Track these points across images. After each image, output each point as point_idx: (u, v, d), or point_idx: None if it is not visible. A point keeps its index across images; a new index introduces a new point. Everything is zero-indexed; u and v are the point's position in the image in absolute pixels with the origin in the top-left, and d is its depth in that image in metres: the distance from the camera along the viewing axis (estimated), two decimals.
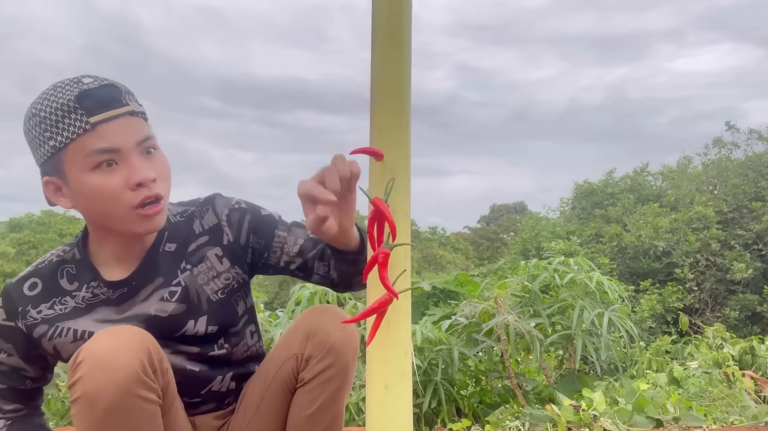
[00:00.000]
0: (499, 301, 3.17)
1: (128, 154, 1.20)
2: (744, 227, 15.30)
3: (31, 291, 1.30)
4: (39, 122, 1.20)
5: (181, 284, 1.32)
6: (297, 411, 1.35)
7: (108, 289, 1.29)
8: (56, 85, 1.22)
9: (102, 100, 1.19)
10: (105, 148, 1.18)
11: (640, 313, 11.00)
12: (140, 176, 1.19)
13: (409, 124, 0.67)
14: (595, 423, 2.36)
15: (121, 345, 1.11)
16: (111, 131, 1.19)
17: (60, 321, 1.28)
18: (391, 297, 0.67)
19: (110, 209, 1.21)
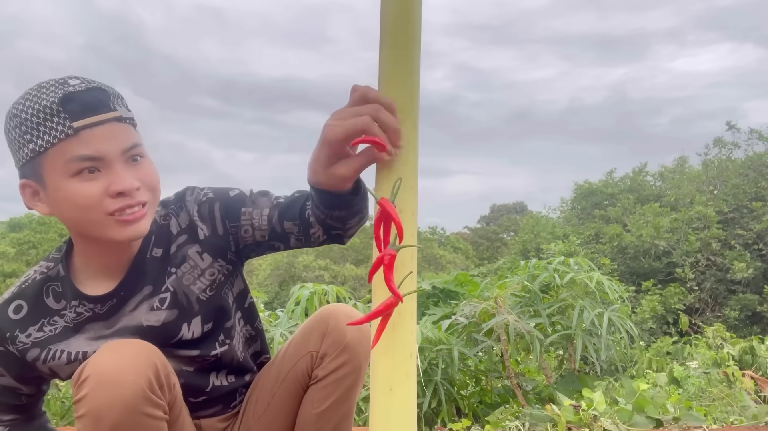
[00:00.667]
0: (499, 301, 3.17)
1: (112, 162, 1.14)
2: (744, 227, 15.30)
3: (16, 314, 1.24)
4: (19, 123, 1.14)
5: (169, 290, 1.29)
6: (308, 409, 1.35)
7: (94, 305, 1.25)
8: (41, 85, 1.15)
9: (87, 104, 1.13)
10: (87, 155, 1.12)
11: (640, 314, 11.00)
12: (122, 185, 1.13)
13: (417, 123, 0.67)
14: (595, 423, 2.37)
15: (127, 361, 1.08)
16: (95, 137, 1.12)
17: (52, 344, 1.24)
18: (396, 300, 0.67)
19: (87, 216, 1.15)
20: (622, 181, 19.54)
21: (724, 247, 14.84)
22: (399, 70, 0.64)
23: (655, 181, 19.81)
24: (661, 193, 18.55)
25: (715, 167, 17.63)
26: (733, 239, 15.05)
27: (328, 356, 1.32)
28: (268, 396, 1.38)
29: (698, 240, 14.52)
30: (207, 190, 1.33)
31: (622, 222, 16.88)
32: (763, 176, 16.20)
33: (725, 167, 17.36)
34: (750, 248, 15.00)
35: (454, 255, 25.26)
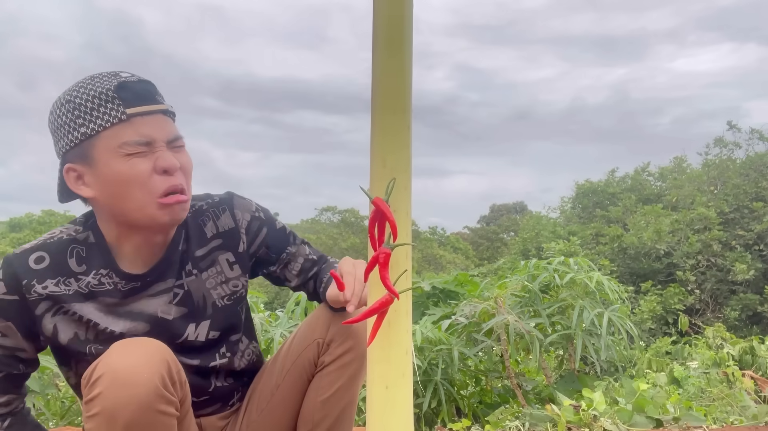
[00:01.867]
0: (499, 301, 3.16)
1: (158, 148, 1.21)
2: (745, 227, 15.30)
3: (37, 264, 1.23)
4: (72, 108, 1.20)
5: (183, 287, 1.31)
6: (313, 396, 1.37)
7: (120, 280, 1.26)
8: (93, 76, 1.23)
9: (140, 94, 1.21)
10: (138, 140, 1.19)
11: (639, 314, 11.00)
12: (167, 162, 1.20)
13: (410, 124, 0.67)
14: (595, 423, 2.36)
15: (142, 359, 1.10)
16: (145, 124, 1.20)
17: (64, 302, 1.24)
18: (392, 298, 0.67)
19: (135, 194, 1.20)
20: (623, 181, 19.55)
21: (725, 248, 14.84)
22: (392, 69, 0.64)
23: (656, 181, 19.83)
24: (662, 193, 18.56)
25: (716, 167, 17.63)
26: (733, 240, 15.06)
27: (334, 342, 1.35)
28: (272, 389, 1.40)
29: (699, 241, 14.52)
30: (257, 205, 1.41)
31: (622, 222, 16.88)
32: (763, 176, 16.21)
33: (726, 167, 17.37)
34: (751, 249, 15.00)
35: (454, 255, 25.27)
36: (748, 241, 15.10)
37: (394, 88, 0.67)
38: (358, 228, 24.77)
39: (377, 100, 0.74)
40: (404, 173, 0.67)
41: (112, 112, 1.19)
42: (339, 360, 1.35)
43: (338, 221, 27.02)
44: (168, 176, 1.21)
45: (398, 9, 0.65)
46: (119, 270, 1.26)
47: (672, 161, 19.87)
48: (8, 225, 27.39)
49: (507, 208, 35.08)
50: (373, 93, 0.76)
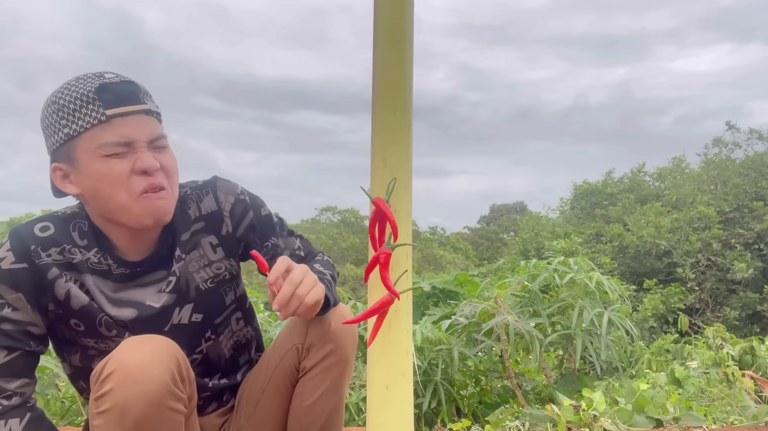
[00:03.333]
0: (499, 301, 3.16)
1: (138, 149, 1.22)
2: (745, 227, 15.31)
3: (42, 233, 1.25)
4: (57, 110, 1.22)
5: (176, 274, 1.32)
6: (298, 402, 1.36)
7: (113, 262, 1.28)
8: (79, 77, 1.24)
9: (120, 95, 1.22)
10: (117, 141, 1.20)
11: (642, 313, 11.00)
12: (145, 163, 1.21)
13: (410, 124, 0.67)
14: (595, 423, 2.36)
15: (153, 356, 1.11)
16: (125, 125, 1.21)
17: (68, 271, 1.26)
18: (392, 298, 0.67)
19: (115, 195, 1.21)
20: (621, 181, 19.56)
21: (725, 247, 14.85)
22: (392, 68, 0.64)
23: (654, 181, 19.84)
24: (660, 193, 18.56)
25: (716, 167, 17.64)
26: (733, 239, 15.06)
27: (314, 346, 1.34)
28: (257, 394, 1.40)
29: (699, 240, 14.53)
30: (242, 188, 1.40)
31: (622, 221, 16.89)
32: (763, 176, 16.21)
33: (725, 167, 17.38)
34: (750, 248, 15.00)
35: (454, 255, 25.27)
36: (747, 240, 15.10)
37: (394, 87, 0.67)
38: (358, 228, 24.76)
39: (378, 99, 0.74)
40: (405, 173, 0.67)
41: (93, 113, 1.20)
42: (320, 364, 1.34)
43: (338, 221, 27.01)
44: (147, 176, 1.22)
45: (399, 8, 0.65)
46: (114, 254, 1.28)
47: (671, 161, 19.89)
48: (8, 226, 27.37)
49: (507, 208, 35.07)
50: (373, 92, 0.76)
